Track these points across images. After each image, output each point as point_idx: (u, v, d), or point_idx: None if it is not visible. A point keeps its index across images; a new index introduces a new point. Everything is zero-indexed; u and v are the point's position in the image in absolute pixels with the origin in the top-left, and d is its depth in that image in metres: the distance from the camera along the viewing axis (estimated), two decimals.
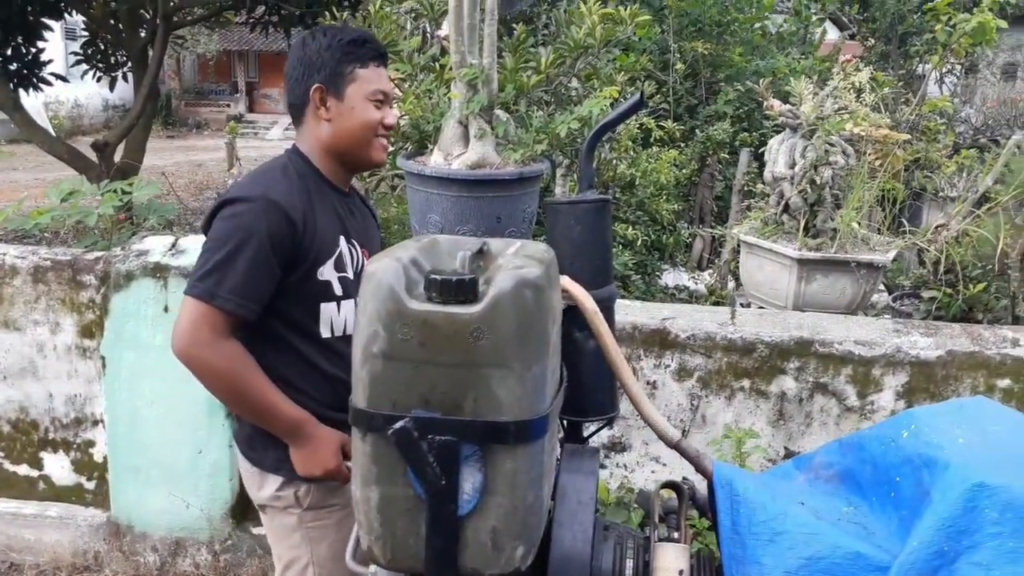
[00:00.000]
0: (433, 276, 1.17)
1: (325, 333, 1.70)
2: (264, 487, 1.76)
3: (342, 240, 1.73)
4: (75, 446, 2.97)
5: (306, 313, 1.68)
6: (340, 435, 1.69)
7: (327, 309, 1.70)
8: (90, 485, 2.99)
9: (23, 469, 3.00)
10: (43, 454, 2.98)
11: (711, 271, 5.03)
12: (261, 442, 1.73)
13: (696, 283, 4.81)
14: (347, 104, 1.70)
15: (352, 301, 1.72)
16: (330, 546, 1.75)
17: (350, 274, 1.73)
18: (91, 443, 2.95)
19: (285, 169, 1.71)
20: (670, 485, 1.59)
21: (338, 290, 1.71)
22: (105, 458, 2.92)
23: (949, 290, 3.40)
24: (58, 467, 2.99)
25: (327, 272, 1.69)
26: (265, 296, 1.61)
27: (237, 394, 1.62)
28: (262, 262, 1.57)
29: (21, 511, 2.98)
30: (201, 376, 1.59)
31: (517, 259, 1.24)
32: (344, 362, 1.64)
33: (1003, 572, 1.17)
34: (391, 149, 3.49)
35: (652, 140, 5.40)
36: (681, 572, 1.39)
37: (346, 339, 1.69)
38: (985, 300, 3.40)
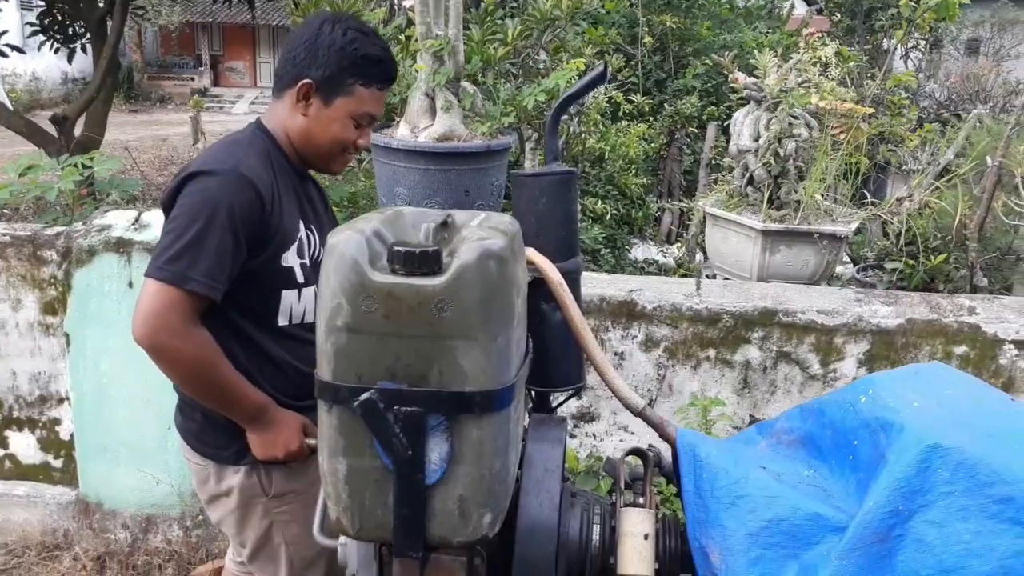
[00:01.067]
0: (397, 248, 1.17)
1: (282, 321, 1.64)
2: (223, 479, 1.70)
3: (302, 225, 1.65)
4: (41, 424, 2.93)
5: (265, 301, 1.61)
6: (300, 417, 1.66)
7: (288, 297, 1.63)
8: (57, 463, 2.96)
9: None
10: (8, 432, 2.95)
11: (679, 244, 5.07)
12: (217, 436, 1.67)
13: (665, 256, 4.85)
14: (329, 113, 1.61)
15: (312, 289, 1.65)
16: (300, 524, 1.70)
17: (308, 261, 1.65)
18: (57, 421, 2.92)
19: (251, 143, 1.62)
20: (636, 452, 1.62)
21: (299, 277, 1.64)
22: (72, 436, 2.89)
23: (911, 261, 3.47)
24: (24, 445, 2.95)
25: (291, 258, 1.61)
26: (232, 275, 1.52)
27: (205, 382, 1.54)
28: (231, 240, 1.49)
29: None
30: (169, 365, 1.51)
31: (481, 231, 1.25)
32: (302, 350, 1.61)
33: (955, 529, 1.21)
34: None
35: (621, 114, 5.41)
36: (647, 536, 1.42)
37: (304, 326, 1.65)
38: (946, 271, 3.48)
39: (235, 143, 1.62)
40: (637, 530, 1.42)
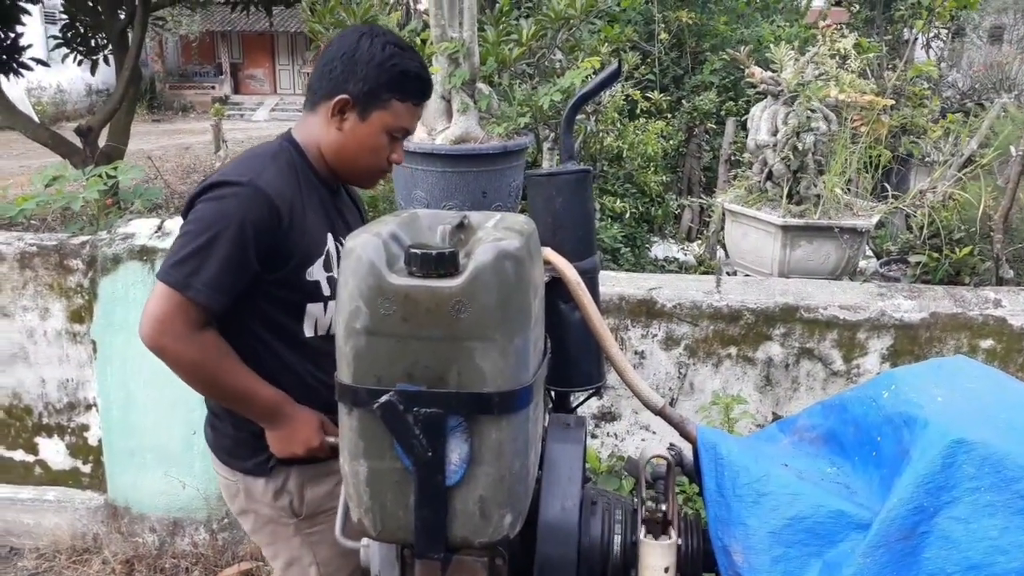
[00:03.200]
0: (413, 250, 1.18)
1: (308, 332, 1.63)
2: (252, 496, 1.70)
3: (330, 238, 1.64)
4: (69, 430, 2.98)
5: (290, 314, 1.61)
6: (318, 414, 1.64)
7: (313, 310, 1.63)
8: (86, 468, 3.00)
9: (19, 454, 3.02)
10: (38, 439, 3.00)
11: (700, 242, 5.04)
12: (244, 449, 1.67)
13: (685, 254, 4.83)
14: (365, 128, 1.59)
15: None
16: (331, 546, 1.65)
17: (336, 274, 1.61)
18: (85, 427, 2.97)
19: (276, 156, 1.61)
20: (659, 457, 1.60)
21: (326, 290, 1.62)
22: (100, 441, 2.94)
23: (935, 254, 3.42)
24: (53, 451, 3.00)
25: (316, 272, 1.61)
26: (237, 289, 1.52)
27: (211, 383, 1.55)
28: (240, 254, 1.48)
29: (18, 496, 3.00)
30: (172, 365, 1.53)
31: (497, 231, 1.25)
32: (328, 361, 1.62)
33: (980, 525, 1.20)
34: None
35: (638, 112, 5.39)
36: (667, 569, 1.40)
37: (330, 338, 1.60)
38: (971, 263, 3.43)
39: (259, 156, 1.61)
40: (658, 564, 1.39)
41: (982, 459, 1.22)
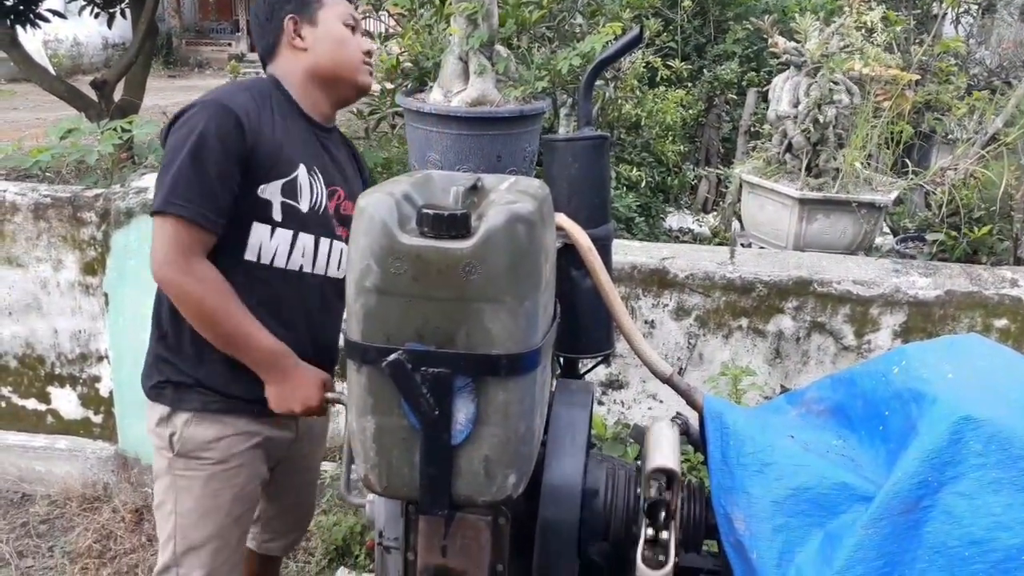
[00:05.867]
0: (425, 210, 1.17)
1: (249, 255, 1.60)
2: (150, 419, 1.69)
3: (302, 168, 1.62)
4: (81, 381, 3.02)
5: (235, 230, 1.57)
6: (321, 372, 1.64)
7: (258, 230, 1.59)
8: (97, 419, 3.05)
9: (31, 403, 3.06)
10: (50, 388, 3.04)
11: (715, 213, 5.00)
12: (151, 370, 1.67)
13: (700, 225, 4.79)
14: (323, 28, 1.66)
15: (291, 233, 1.61)
16: (196, 500, 1.66)
17: (302, 206, 1.62)
18: (97, 378, 3.00)
19: (249, 87, 1.64)
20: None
21: (277, 215, 1.59)
22: (111, 393, 2.97)
23: (953, 233, 3.38)
24: (65, 401, 3.05)
25: (270, 191, 1.58)
26: (226, 206, 1.52)
27: (212, 321, 1.54)
28: (216, 166, 1.49)
29: (31, 444, 3.05)
30: (176, 299, 1.54)
31: (510, 194, 1.24)
32: (266, 294, 1.60)
33: (985, 501, 1.20)
34: (391, 86, 3.45)
35: (658, 80, 5.32)
36: None
37: (273, 270, 1.61)
38: (989, 243, 3.39)
39: (230, 85, 1.68)
40: None
41: (989, 436, 1.22)
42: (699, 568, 1.65)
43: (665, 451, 1.39)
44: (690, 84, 5.89)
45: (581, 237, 1.55)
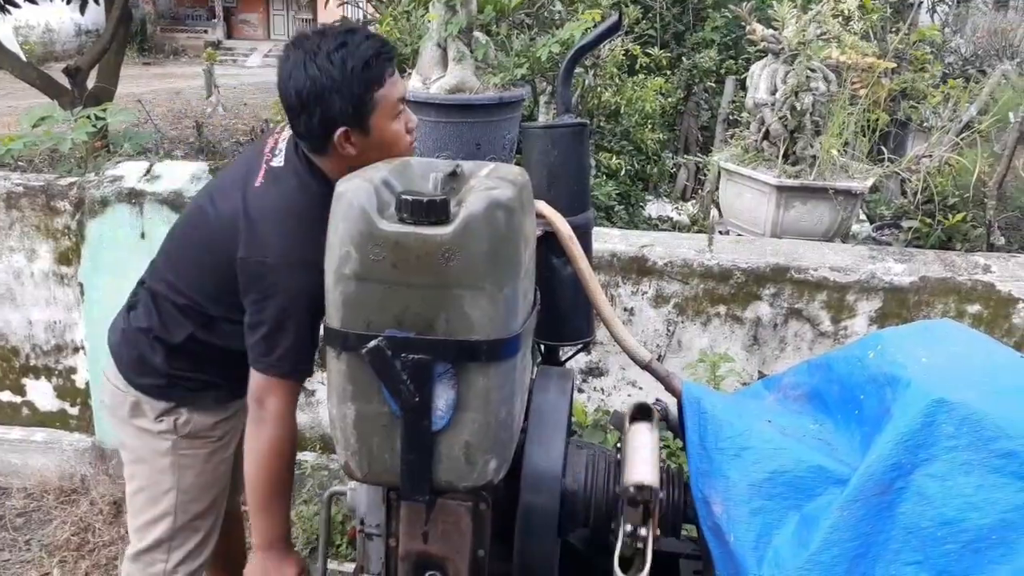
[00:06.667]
0: (404, 197, 1.17)
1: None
2: (140, 412, 1.71)
3: None
4: (57, 372, 2.98)
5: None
6: (303, 561, 1.66)
7: None
8: (74, 411, 3.02)
9: (6, 395, 3.02)
10: (25, 380, 3.00)
11: (694, 201, 5.02)
12: (148, 368, 1.69)
13: (679, 213, 4.81)
14: (375, 136, 1.50)
15: None
16: (196, 476, 1.74)
17: None
18: (73, 369, 2.97)
19: (309, 211, 1.45)
20: (642, 407, 1.61)
21: None
22: (87, 384, 2.94)
23: (928, 220, 3.42)
24: (41, 393, 3.01)
25: None
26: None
27: (276, 466, 1.55)
28: (317, 318, 1.43)
29: (7, 436, 3.01)
30: (271, 443, 1.53)
31: (489, 180, 1.24)
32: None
33: (956, 482, 1.22)
34: None
35: (638, 67, 5.32)
36: None
37: None
38: (963, 230, 3.43)
39: (298, 218, 1.48)
40: None
41: (961, 419, 1.24)
42: (678, 552, 1.68)
43: (643, 463, 1.39)
44: (669, 72, 5.89)
45: (562, 225, 1.56)
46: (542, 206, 1.58)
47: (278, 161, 1.57)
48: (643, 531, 1.41)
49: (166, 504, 1.74)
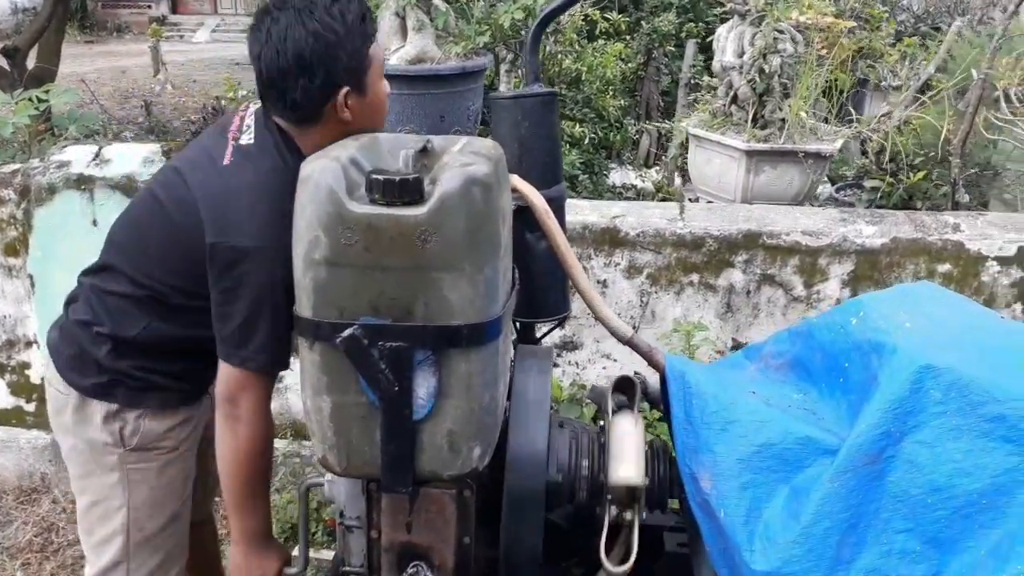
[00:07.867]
0: (375, 176, 1.11)
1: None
2: (84, 418, 1.57)
3: None
4: (10, 368, 2.87)
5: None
6: (284, 552, 1.59)
7: None
8: (30, 407, 2.91)
9: None
10: None
11: (658, 168, 4.99)
12: (87, 366, 1.55)
13: (644, 180, 4.78)
14: (369, 95, 1.41)
15: None
16: (151, 491, 1.60)
17: None
18: (27, 364, 2.85)
19: (279, 189, 1.33)
20: (623, 381, 1.58)
21: None
22: (43, 379, 2.83)
23: (891, 179, 3.43)
24: None
25: None
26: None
27: (252, 463, 1.46)
28: (287, 311, 1.32)
29: None
30: (246, 440, 1.44)
31: (464, 156, 1.19)
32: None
33: (945, 448, 1.21)
34: None
35: (597, 33, 5.24)
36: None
37: None
38: (925, 188, 3.45)
39: (272, 199, 1.35)
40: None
41: (949, 384, 1.23)
42: (662, 525, 1.66)
43: (629, 459, 1.37)
44: (628, 37, 5.82)
45: (536, 199, 1.51)
46: (516, 180, 1.52)
47: (247, 138, 1.43)
48: (628, 515, 1.40)
49: (118, 522, 1.60)
